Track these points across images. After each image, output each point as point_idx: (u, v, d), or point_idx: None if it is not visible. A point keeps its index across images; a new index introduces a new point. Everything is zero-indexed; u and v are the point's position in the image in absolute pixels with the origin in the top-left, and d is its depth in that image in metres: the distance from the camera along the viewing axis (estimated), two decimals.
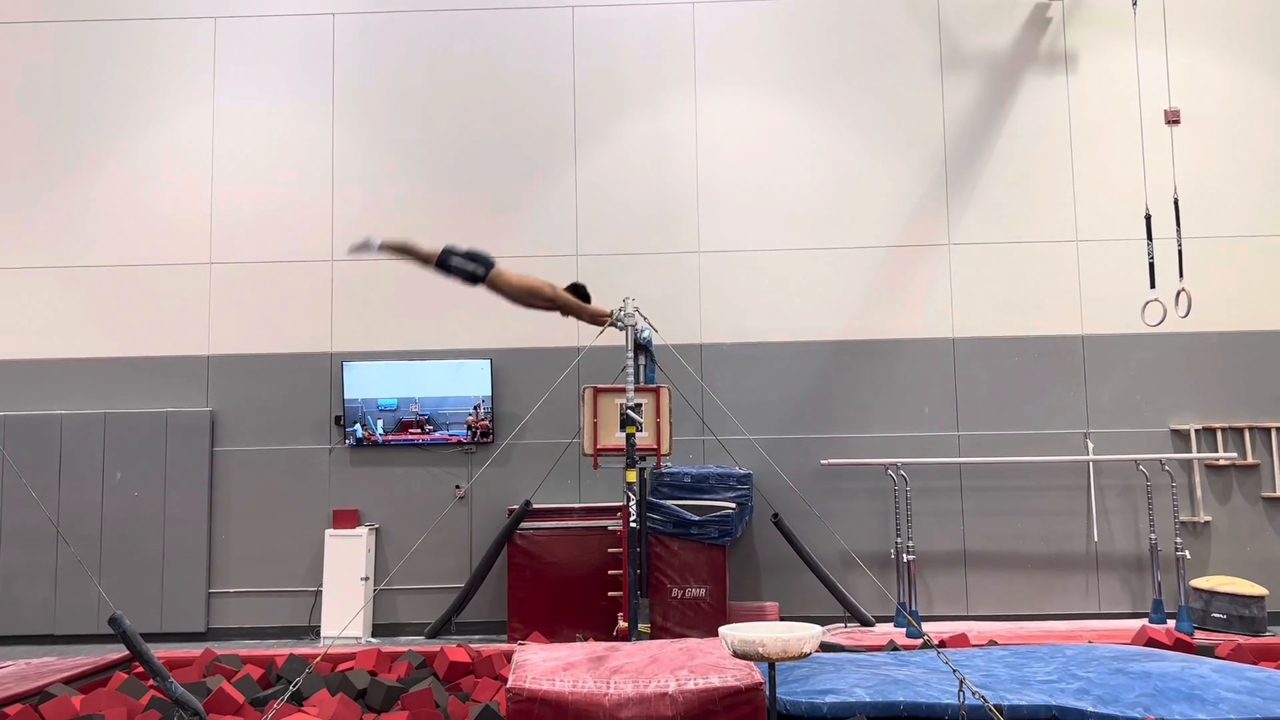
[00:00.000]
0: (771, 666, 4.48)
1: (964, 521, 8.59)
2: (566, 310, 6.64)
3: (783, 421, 8.64)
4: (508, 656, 6.16)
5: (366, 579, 8.36)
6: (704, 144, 8.93)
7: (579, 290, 6.65)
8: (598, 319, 6.72)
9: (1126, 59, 8.45)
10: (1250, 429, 8.54)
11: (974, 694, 4.53)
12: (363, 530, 8.46)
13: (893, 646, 6.52)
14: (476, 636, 8.11)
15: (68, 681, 5.93)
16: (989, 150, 8.91)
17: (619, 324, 6.74)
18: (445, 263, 6.35)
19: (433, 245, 6.36)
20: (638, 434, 6.73)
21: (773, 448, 8.04)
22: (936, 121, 8.93)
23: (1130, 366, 8.67)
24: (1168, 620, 7.79)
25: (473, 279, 6.42)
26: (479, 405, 8.61)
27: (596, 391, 7.16)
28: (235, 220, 8.89)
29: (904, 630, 7.67)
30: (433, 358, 8.70)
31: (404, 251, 6.39)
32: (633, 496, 6.67)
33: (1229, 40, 8.89)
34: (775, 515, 8.18)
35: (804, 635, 4.33)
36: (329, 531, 8.46)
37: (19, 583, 8.44)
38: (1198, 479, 8.53)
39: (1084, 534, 8.53)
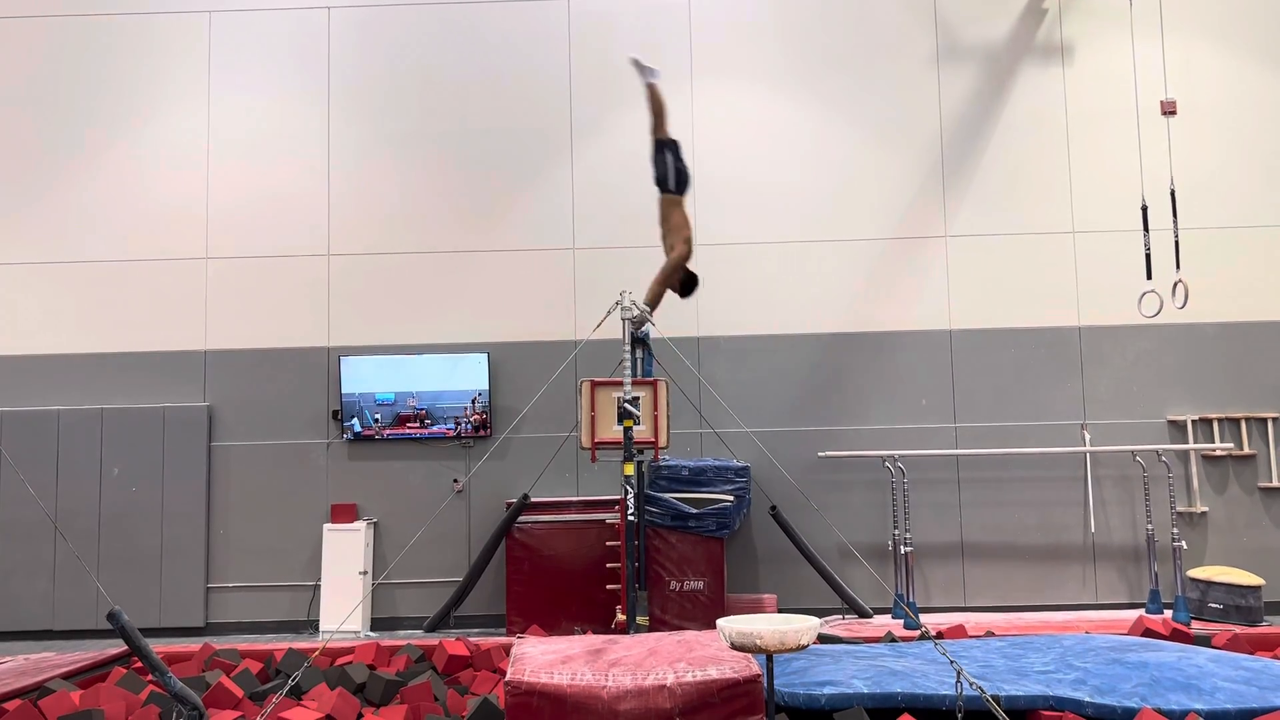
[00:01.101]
0: (769, 658, 4.49)
1: (961, 513, 8.60)
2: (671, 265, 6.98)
3: (780, 414, 8.65)
4: (506, 650, 6.18)
5: (365, 573, 8.36)
6: (700, 137, 8.92)
7: (691, 279, 7.14)
8: (682, 262, 7.02)
9: (1123, 50, 8.45)
10: (1247, 419, 8.56)
11: (971, 685, 4.54)
12: (361, 524, 8.46)
13: (890, 638, 6.54)
14: (475, 630, 8.12)
15: (66, 677, 5.94)
16: (985, 142, 8.90)
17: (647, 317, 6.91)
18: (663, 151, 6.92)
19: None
20: (635, 427, 6.73)
21: (770, 440, 8.05)
22: (933, 113, 8.93)
23: (1127, 357, 8.68)
24: (1164, 610, 7.81)
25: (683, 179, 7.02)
26: (476, 399, 8.61)
27: (594, 385, 7.16)
28: (231, 215, 8.87)
29: (902, 622, 7.69)
30: (430, 352, 8.69)
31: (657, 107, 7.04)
32: (631, 490, 6.68)
33: (1225, 31, 8.88)
34: (773, 508, 8.19)
35: (802, 627, 4.34)
36: (327, 526, 8.47)
37: (17, 578, 8.44)
38: (1194, 469, 8.55)
39: (1081, 525, 8.55)
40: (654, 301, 6.92)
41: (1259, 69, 8.86)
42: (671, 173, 6.93)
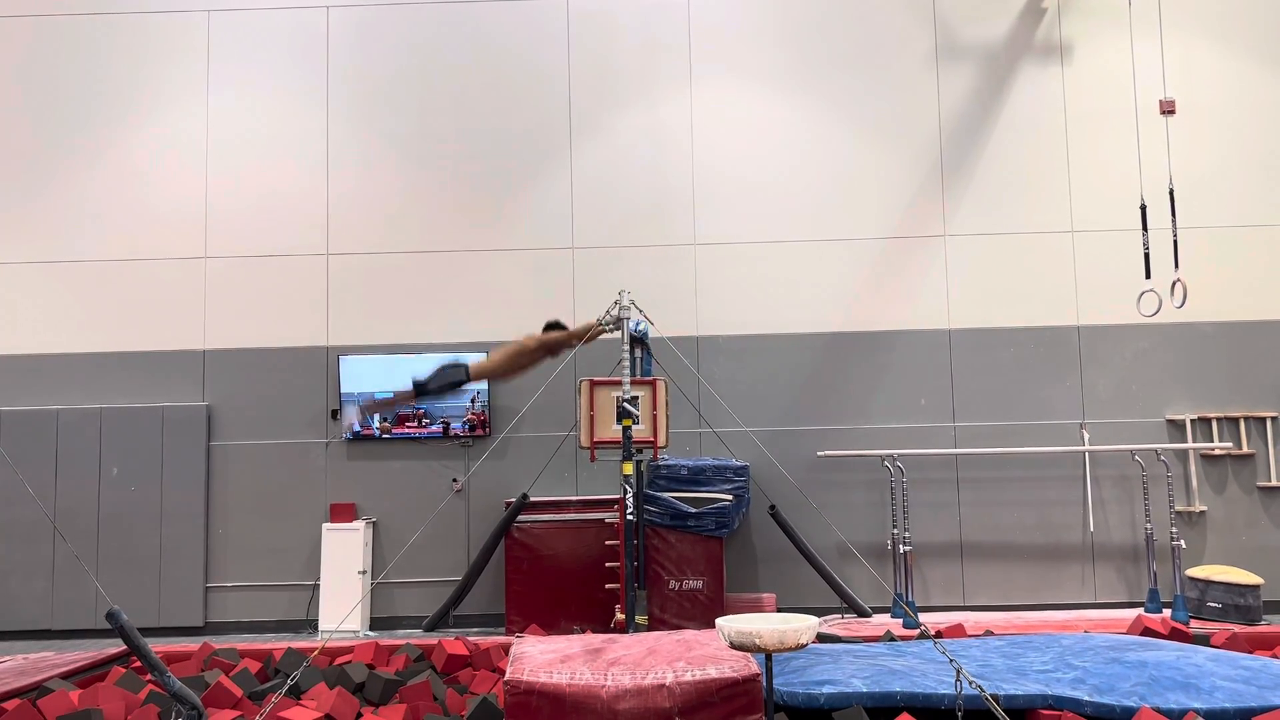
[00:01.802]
0: (768, 658, 4.49)
1: (960, 512, 8.60)
2: (559, 348, 6.90)
3: (779, 413, 8.65)
4: (505, 649, 6.18)
5: (364, 572, 8.36)
6: (699, 136, 8.93)
7: (556, 326, 6.84)
8: (590, 334, 6.87)
9: (1122, 49, 8.45)
10: (1246, 418, 8.56)
11: (971, 684, 4.54)
12: (360, 524, 8.46)
13: (889, 637, 6.54)
14: (474, 629, 8.12)
15: (65, 676, 5.94)
16: (984, 141, 8.91)
17: (609, 328, 6.84)
18: (423, 389, 6.72)
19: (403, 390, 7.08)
20: (634, 427, 6.73)
21: (769, 439, 8.05)
22: (932, 113, 8.93)
23: (1126, 357, 8.69)
24: (1163, 610, 7.82)
25: (457, 384, 6.73)
26: (475, 398, 8.61)
27: (593, 384, 7.17)
28: (230, 214, 8.87)
29: (901, 621, 7.69)
30: (429, 351, 8.68)
31: (391, 405, 7.40)
32: (630, 489, 6.68)
33: (1224, 30, 8.89)
34: (772, 507, 8.19)
35: (801, 626, 4.34)
36: (326, 525, 8.47)
37: (16, 578, 8.43)
38: (1193, 469, 8.55)
39: (1080, 524, 8.56)
40: (586, 330, 6.91)
41: (1258, 68, 8.86)
42: (449, 379, 6.95)
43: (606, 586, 7.74)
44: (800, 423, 8.65)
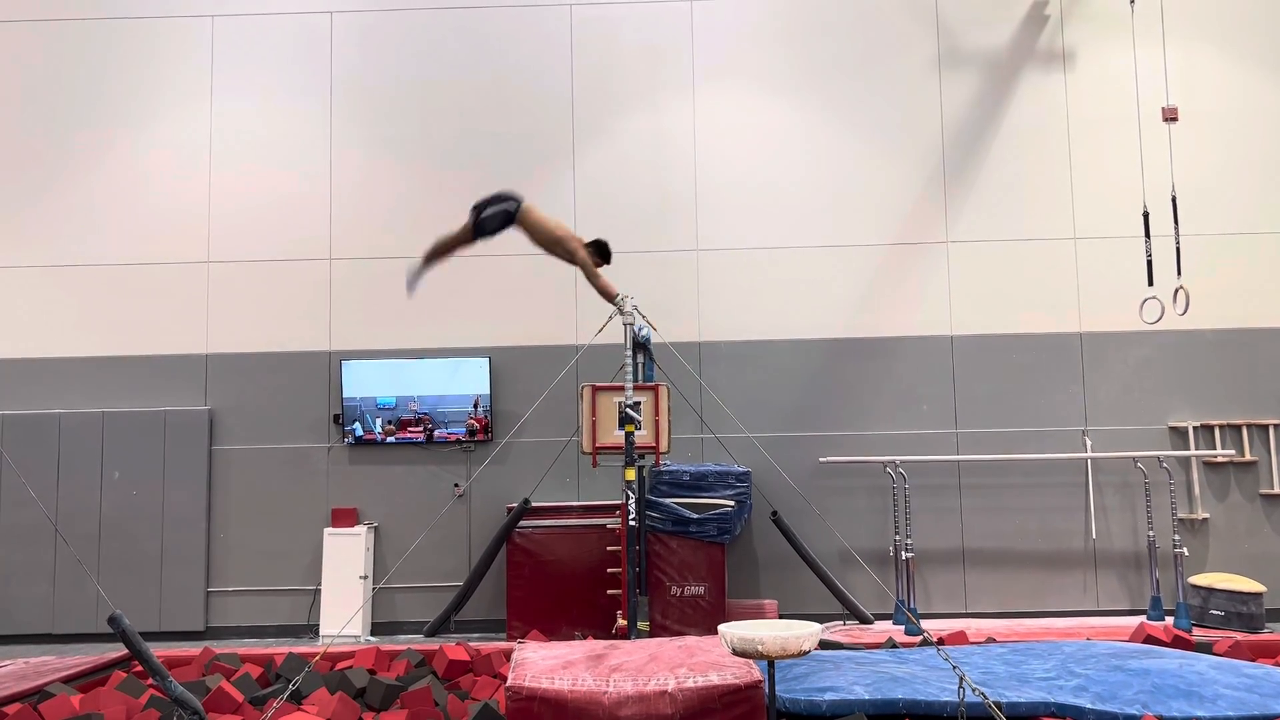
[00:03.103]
0: (771, 664, 4.49)
1: (962, 519, 8.59)
2: (581, 267, 6.61)
3: (781, 419, 8.64)
4: (507, 655, 6.17)
5: (365, 577, 8.36)
6: (702, 142, 8.93)
7: (601, 248, 6.66)
8: (605, 294, 6.63)
9: (1124, 56, 8.45)
10: (1248, 426, 8.55)
11: (974, 691, 4.54)
12: (361, 529, 8.46)
13: (891, 644, 6.53)
14: (475, 635, 8.12)
15: (66, 680, 5.93)
16: (987, 148, 8.91)
17: (622, 308, 6.66)
18: (481, 225, 6.48)
19: (461, 223, 6.65)
20: (636, 432, 6.72)
21: (771, 445, 8.03)
22: (934, 119, 8.93)
23: (1128, 364, 8.68)
24: (1166, 617, 7.80)
25: (507, 217, 6.52)
26: (477, 403, 8.61)
27: (595, 390, 7.16)
28: (233, 219, 8.88)
29: (903, 628, 7.68)
30: (431, 356, 8.69)
31: (445, 251, 6.58)
32: (632, 494, 6.67)
33: (1226, 37, 8.90)
34: (774, 513, 8.18)
35: (803, 633, 4.33)
36: (328, 530, 8.46)
37: (17, 582, 8.43)
38: (1196, 476, 8.54)
39: (1082, 531, 8.54)
40: (607, 289, 6.61)
41: (1261, 75, 8.87)
42: (501, 207, 6.61)
43: (608, 592, 7.73)
44: (802, 428, 8.64)
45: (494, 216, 6.56)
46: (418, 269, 6.87)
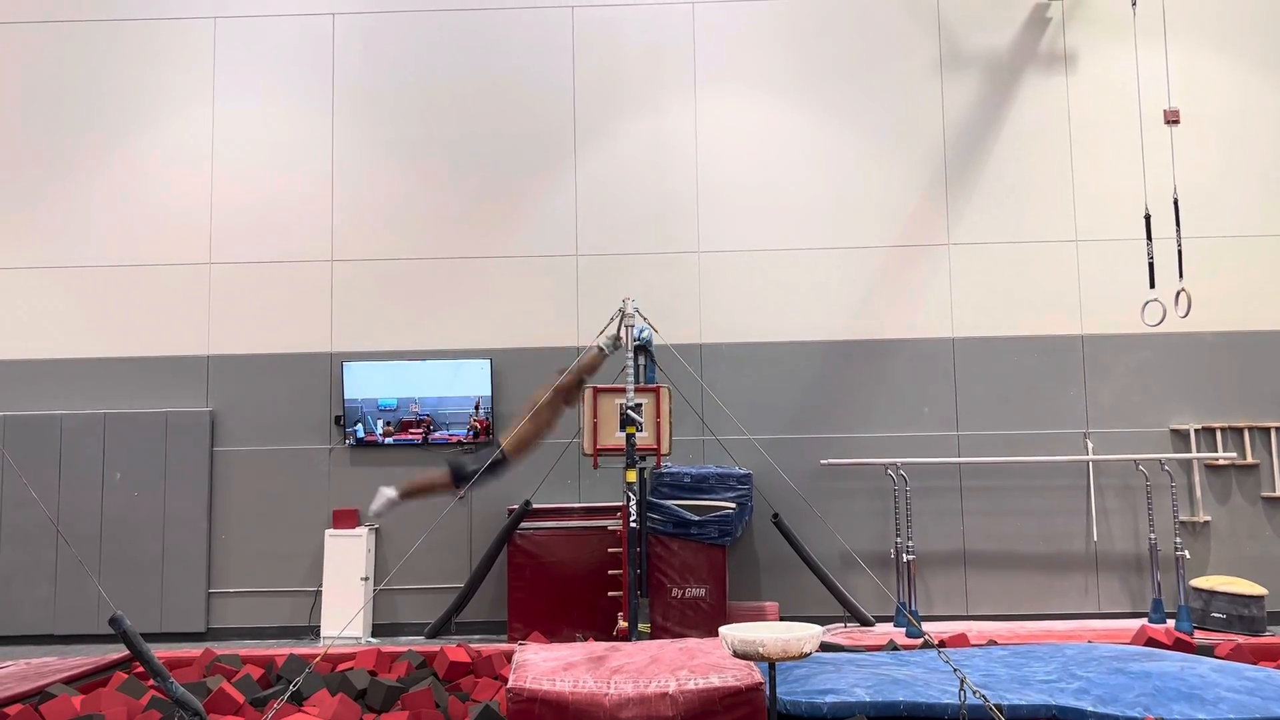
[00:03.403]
0: (772, 666, 4.48)
1: (964, 521, 8.59)
2: (571, 392, 7.05)
3: (783, 421, 8.64)
4: (508, 656, 6.17)
5: (366, 579, 8.36)
6: (704, 143, 8.94)
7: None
8: (593, 364, 7.04)
9: (1126, 59, 8.44)
10: (1250, 429, 8.55)
11: (975, 693, 4.53)
12: (362, 530, 8.46)
13: (892, 646, 6.53)
14: (476, 636, 8.11)
15: (68, 681, 5.93)
16: (988, 150, 8.91)
17: (609, 350, 6.93)
18: (459, 474, 6.81)
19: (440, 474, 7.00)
20: (638, 434, 6.73)
21: (772, 447, 8.03)
22: (936, 121, 8.93)
23: (1130, 366, 8.68)
24: (1167, 620, 7.80)
25: (494, 465, 6.80)
26: (479, 404, 8.61)
27: (596, 391, 7.16)
28: (235, 220, 8.89)
29: (904, 630, 7.68)
30: (433, 357, 8.70)
31: (423, 491, 7.08)
32: (633, 496, 6.67)
33: (1228, 40, 8.90)
34: (775, 515, 8.18)
35: (804, 635, 4.33)
36: (329, 531, 8.46)
37: (19, 583, 8.44)
38: (1197, 479, 8.54)
39: (1084, 534, 8.54)
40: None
41: (1263, 78, 8.87)
42: (479, 465, 6.84)
43: (609, 594, 7.73)
44: (803, 431, 8.64)
45: (471, 473, 6.78)
46: (391, 501, 7.09)
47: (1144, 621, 7.76)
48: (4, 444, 8.36)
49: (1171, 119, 7.83)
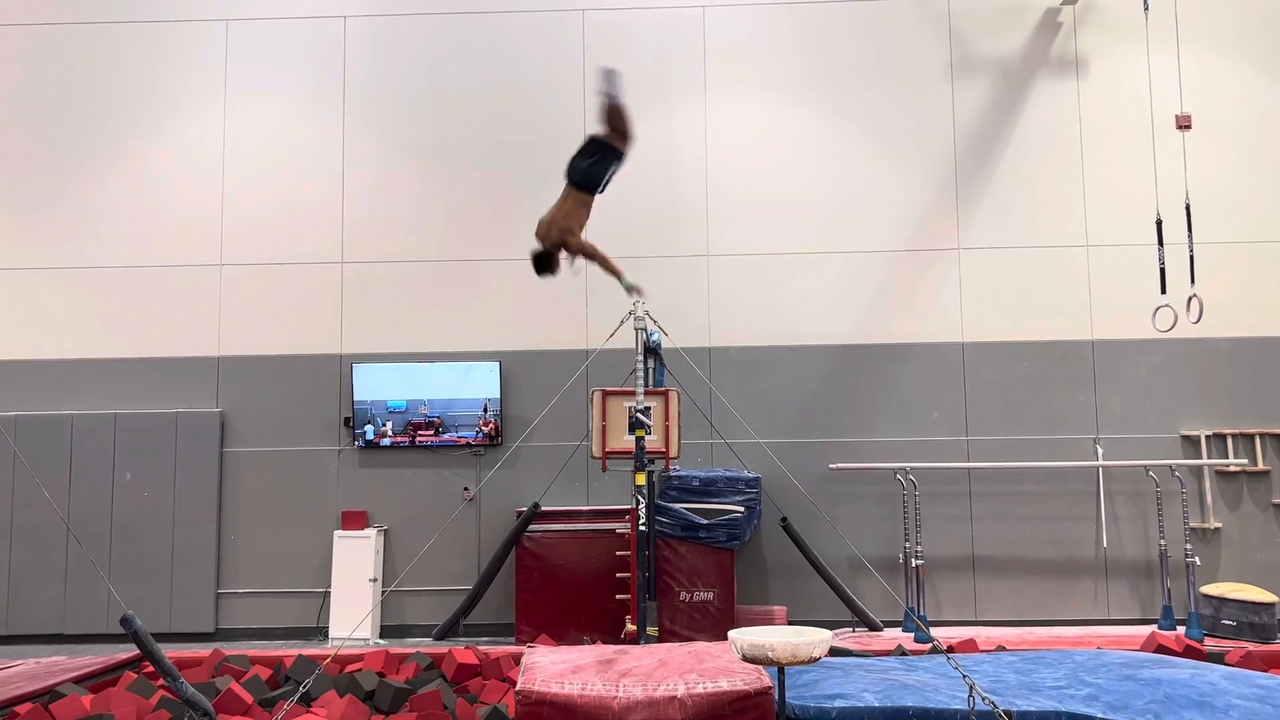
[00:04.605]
0: (781, 671, 4.48)
1: (973, 526, 8.57)
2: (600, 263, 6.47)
3: (791, 425, 8.63)
4: (516, 659, 6.17)
5: (375, 580, 8.37)
6: (714, 147, 8.94)
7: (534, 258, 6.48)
8: (603, 261, 6.51)
9: (1138, 64, 8.42)
10: (1261, 435, 8.51)
11: (983, 699, 4.52)
12: (371, 532, 8.47)
13: (901, 651, 6.51)
14: (484, 638, 8.12)
15: (78, 681, 5.96)
16: (999, 155, 8.89)
17: (632, 291, 6.51)
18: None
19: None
20: (646, 437, 6.73)
21: (781, 451, 8.03)
22: (947, 126, 8.92)
23: (1141, 372, 8.65)
24: (1177, 627, 7.76)
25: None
26: (487, 407, 8.62)
27: (605, 395, 7.17)
28: (246, 222, 8.91)
29: (912, 635, 7.65)
30: (442, 360, 8.71)
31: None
32: (641, 499, 6.67)
33: (1240, 45, 8.87)
34: (783, 519, 8.17)
35: (813, 640, 4.33)
36: (338, 533, 8.48)
37: (29, 582, 8.47)
38: (1208, 485, 8.50)
39: (1093, 539, 8.51)
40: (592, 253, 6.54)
41: (1275, 83, 8.83)
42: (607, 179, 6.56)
43: (617, 597, 7.73)
44: (812, 435, 8.63)
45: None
46: (618, 80, 6.46)
47: (1154, 628, 7.73)
48: (15, 444, 8.39)
49: (1183, 124, 7.81)
